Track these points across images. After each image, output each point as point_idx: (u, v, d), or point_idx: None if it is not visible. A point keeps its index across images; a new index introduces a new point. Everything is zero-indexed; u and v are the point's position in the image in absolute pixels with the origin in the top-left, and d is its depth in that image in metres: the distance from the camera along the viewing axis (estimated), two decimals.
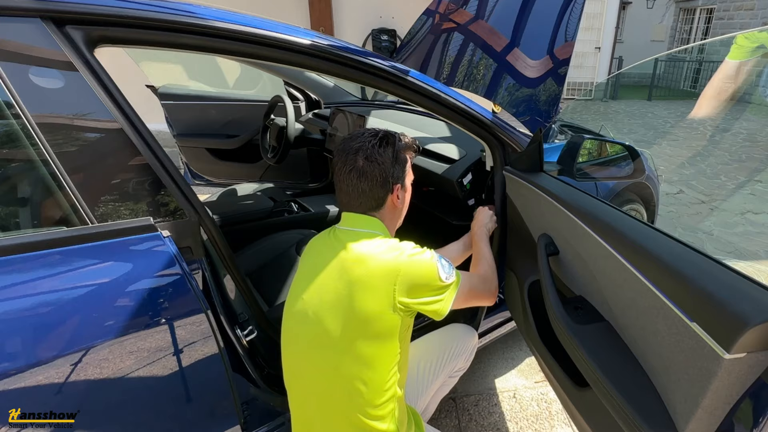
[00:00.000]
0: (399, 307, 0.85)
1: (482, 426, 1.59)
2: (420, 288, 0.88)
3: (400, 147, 0.96)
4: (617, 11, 8.94)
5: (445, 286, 0.91)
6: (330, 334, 0.85)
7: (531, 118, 1.18)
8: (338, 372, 0.85)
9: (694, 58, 11.54)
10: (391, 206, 0.97)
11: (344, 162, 0.91)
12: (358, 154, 0.90)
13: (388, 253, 0.87)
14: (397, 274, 0.85)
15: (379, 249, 0.88)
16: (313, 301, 0.88)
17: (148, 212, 0.86)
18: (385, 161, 0.92)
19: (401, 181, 0.97)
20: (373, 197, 0.93)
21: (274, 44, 0.96)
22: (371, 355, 0.85)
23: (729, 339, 0.60)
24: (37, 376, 0.72)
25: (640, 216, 2.08)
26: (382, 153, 0.92)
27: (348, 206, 0.95)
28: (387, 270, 0.85)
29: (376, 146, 0.92)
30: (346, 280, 0.85)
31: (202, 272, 0.95)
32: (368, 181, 0.91)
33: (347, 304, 0.84)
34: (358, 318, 0.84)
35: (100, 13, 0.79)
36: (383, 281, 0.84)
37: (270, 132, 2.23)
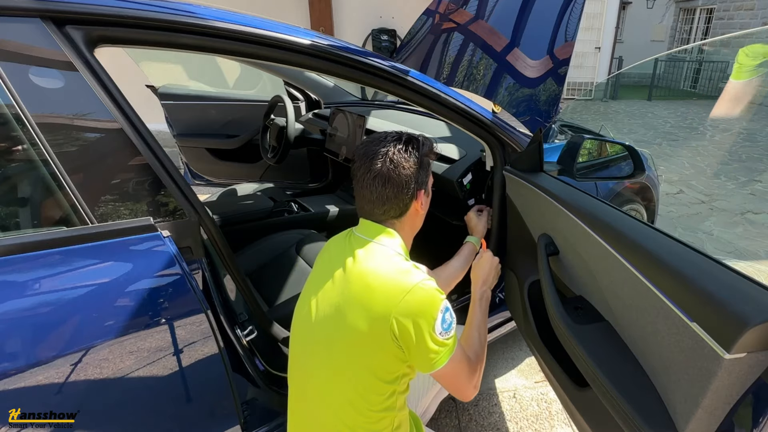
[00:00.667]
0: (389, 335, 0.78)
1: (482, 426, 1.59)
2: (415, 325, 0.78)
3: (425, 151, 0.91)
4: (617, 11, 8.94)
5: (439, 343, 0.80)
6: (323, 347, 0.83)
7: (531, 118, 1.18)
8: (329, 385, 0.83)
9: (694, 58, 11.54)
10: (414, 213, 0.92)
11: (368, 168, 0.85)
12: (384, 159, 0.84)
13: (395, 274, 0.80)
14: (398, 299, 0.77)
15: (386, 266, 0.82)
16: (315, 309, 0.86)
17: (148, 212, 0.86)
18: (411, 166, 0.86)
19: (425, 186, 0.92)
20: (398, 205, 0.87)
21: (274, 44, 0.96)
22: (361, 379, 0.81)
23: (729, 339, 0.60)
24: (37, 376, 0.72)
25: (640, 216, 2.08)
26: (408, 158, 0.86)
27: (370, 215, 0.89)
28: (388, 291, 0.78)
29: (402, 150, 0.86)
30: (346, 295, 0.81)
31: (202, 272, 0.94)
32: (394, 187, 0.85)
33: (341, 321, 0.80)
34: (349, 338, 0.80)
35: (100, 13, 0.79)
36: (380, 303, 0.78)
37: (270, 132, 2.23)
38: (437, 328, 0.79)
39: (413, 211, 0.91)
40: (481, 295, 1.08)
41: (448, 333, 0.81)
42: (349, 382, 0.81)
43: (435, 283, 0.82)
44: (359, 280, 0.81)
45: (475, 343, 0.97)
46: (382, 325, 0.77)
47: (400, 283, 0.78)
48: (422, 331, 0.78)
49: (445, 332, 0.80)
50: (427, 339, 0.78)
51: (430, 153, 0.93)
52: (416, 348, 0.79)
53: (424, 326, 0.78)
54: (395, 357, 0.80)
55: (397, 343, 0.78)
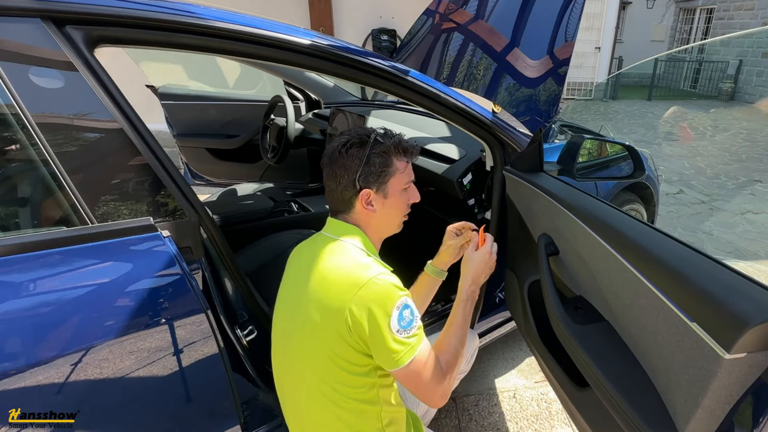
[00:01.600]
0: (346, 333, 0.78)
1: (482, 426, 1.59)
2: (370, 320, 0.76)
3: (378, 148, 0.87)
4: (617, 11, 8.94)
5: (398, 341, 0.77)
6: (293, 345, 0.86)
7: (531, 118, 1.18)
8: (303, 381, 0.85)
9: (694, 58, 11.54)
10: (363, 212, 0.89)
11: (323, 162, 0.91)
12: (331, 154, 0.89)
13: (352, 269, 0.81)
14: (351, 294, 0.77)
15: (344, 261, 0.82)
16: (285, 309, 0.89)
17: (148, 212, 0.86)
18: (350, 161, 0.86)
19: (375, 186, 0.88)
20: (341, 199, 0.89)
21: (274, 44, 0.96)
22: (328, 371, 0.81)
23: (729, 339, 0.60)
24: (37, 376, 0.72)
25: (640, 216, 2.08)
26: (350, 152, 0.87)
27: (330, 209, 0.94)
28: (342, 287, 0.79)
29: (345, 147, 0.87)
30: (306, 292, 0.83)
31: (202, 272, 0.95)
32: (334, 180, 0.88)
33: (303, 317, 0.83)
34: (309, 333, 0.82)
35: (100, 13, 0.79)
36: (336, 299, 0.78)
37: (270, 132, 2.23)
38: (393, 324, 0.77)
39: (360, 209, 0.89)
40: (468, 295, 0.96)
41: (408, 331, 0.78)
42: (318, 375, 0.82)
43: (395, 279, 0.81)
44: (318, 276, 0.82)
45: (449, 349, 0.88)
46: (338, 317, 0.78)
47: (356, 277, 0.79)
48: (378, 326, 0.76)
49: (404, 330, 0.78)
50: (385, 335, 0.77)
51: (388, 150, 0.88)
52: (373, 343, 0.78)
53: (379, 321, 0.76)
54: (356, 349, 0.80)
55: (353, 336, 0.78)
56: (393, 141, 0.90)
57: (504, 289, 1.54)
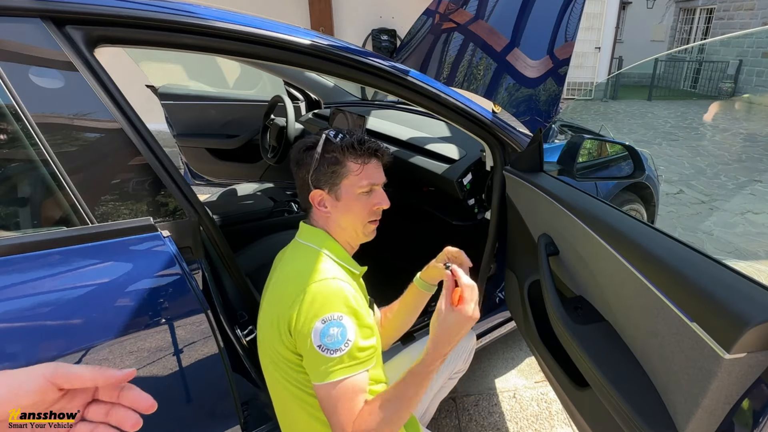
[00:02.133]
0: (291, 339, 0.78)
1: (482, 426, 1.59)
2: (298, 331, 0.75)
3: (331, 147, 0.86)
4: (617, 11, 8.94)
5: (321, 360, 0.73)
6: (263, 357, 0.88)
7: (531, 118, 1.18)
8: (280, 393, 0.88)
9: (694, 58, 11.55)
10: (319, 213, 0.90)
11: None
12: (294, 154, 0.92)
13: (301, 276, 0.80)
14: (290, 302, 0.78)
15: (299, 269, 0.83)
16: (259, 320, 0.90)
17: (148, 212, 0.86)
18: (303, 161, 0.89)
19: (327, 187, 0.87)
20: (302, 198, 0.92)
21: (274, 44, 0.96)
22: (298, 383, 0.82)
23: (729, 339, 0.60)
24: None
25: (640, 216, 2.08)
26: (304, 151, 0.89)
27: None
28: (286, 295, 0.80)
29: (301, 148, 0.90)
30: (268, 301, 0.85)
31: (202, 272, 0.94)
32: (296, 179, 0.91)
33: (266, 329, 0.84)
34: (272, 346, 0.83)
35: (100, 13, 0.79)
36: (278, 308, 0.80)
37: (270, 132, 2.23)
38: (314, 338, 0.72)
39: (316, 210, 0.90)
40: (428, 367, 0.74)
41: (331, 352, 0.72)
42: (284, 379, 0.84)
43: (344, 290, 0.77)
44: (276, 280, 0.86)
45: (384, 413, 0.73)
46: (282, 323, 0.79)
47: (300, 283, 0.79)
48: (304, 334, 0.74)
49: (327, 349, 0.71)
50: (308, 345, 0.74)
51: (341, 149, 0.85)
52: (301, 349, 0.77)
53: (306, 329, 0.74)
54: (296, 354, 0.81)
55: (292, 341, 0.78)
56: (345, 141, 0.86)
57: (504, 289, 1.54)
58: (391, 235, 0.88)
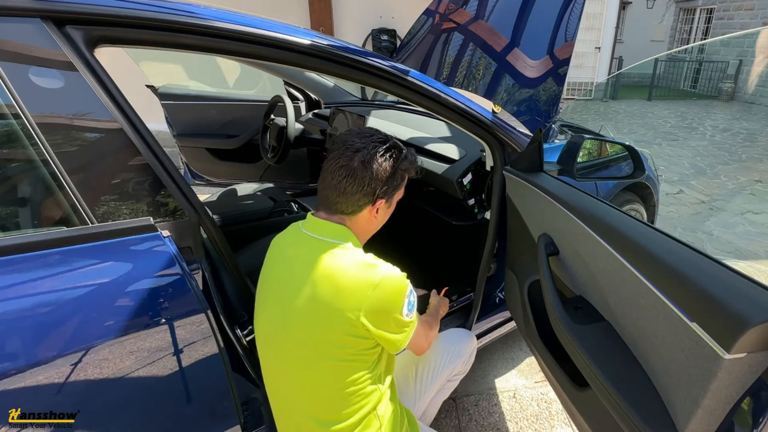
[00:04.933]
0: (361, 329, 0.81)
1: (482, 426, 1.59)
2: (384, 314, 0.82)
3: (404, 165, 0.90)
4: (617, 11, 8.94)
5: (405, 324, 0.86)
6: (296, 350, 0.85)
7: (531, 118, 1.18)
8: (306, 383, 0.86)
9: (694, 58, 11.55)
10: (366, 218, 0.90)
11: (340, 155, 0.85)
12: (357, 153, 0.85)
13: (361, 270, 0.81)
14: (366, 294, 0.80)
15: (350, 264, 0.82)
16: (281, 315, 0.86)
17: (148, 212, 0.86)
18: (381, 172, 0.86)
19: (388, 197, 0.91)
20: (352, 202, 0.86)
21: (274, 44, 0.96)
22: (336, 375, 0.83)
23: (729, 339, 0.60)
24: (37, 376, 0.72)
25: (640, 216, 2.08)
26: (382, 162, 0.86)
27: (325, 202, 0.89)
28: (356, 288, 0.80)
29: (380, 154, 0.86)
30: (314, 299, 0.81)
31: (202, 272, 0.94)
32: (355, 184, 0.84)
33: (313, 325, 0.82)
34: (321, 340, 0.82)
35: (100, 13, 0.79)
36: (350, 301, 0.79)
37: (270, 132, 2.23)
38: (404, 312, 0.85)
39: (366, 215, 0.89)
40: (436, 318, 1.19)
41: (411, 313, 0.87)
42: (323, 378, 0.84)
43: (398, 270, 0.85)
44: (327, 281, 0.81)
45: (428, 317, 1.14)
46: (349, 318, 0.79)
47: (368, 278, 0.81)
48: (389, 320, 0.83)
49: (409, 313, 0.86)
50: (393, 327, 0.84)
51: (409, 169, 0.92)
52: (380, 335, 0.83)
53: (394, 315, 0.83)
54: (365, 339, 0.83)
55: (362, 331, 0.81)
56: (414, 158, 0.93)
57: (504, 289, 1.54)
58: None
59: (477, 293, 1.53)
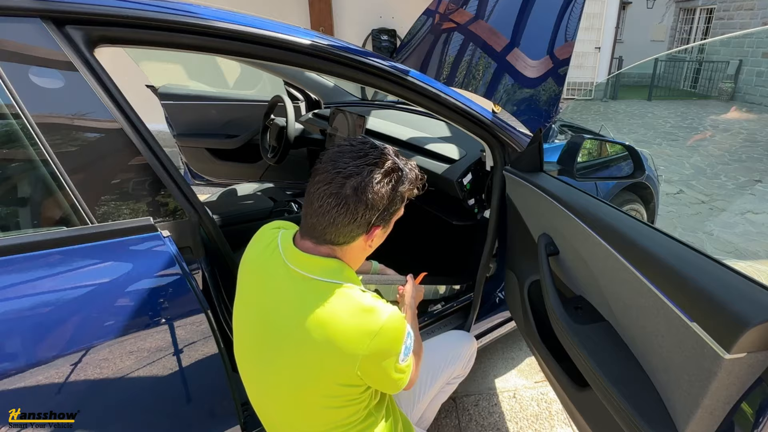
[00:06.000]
0: (355, 379, 0.74)
1: (482, 426, 1.59)
2: (381, 362, 0.75)
3: (404, 188, 0.78)
4: (617, 11, 8.93)
5: (401, 369, 0.79)
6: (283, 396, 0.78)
7: (531, 118, 1.18)
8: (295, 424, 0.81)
9: (694, 58, 11.55)
10: (360, 246, 0.79)
11: (329, 180, 0.72)
12: (349, 180, 0.71)
13: (358, 318, 0.72)
14: (363, 345, 0.71)
15: (346, 310, 0.72)
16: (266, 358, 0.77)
17: (148, 212, 0.86)
18: (377, 201, 0.73)
19: (384, 223, 0.78)
20: (343, 233, 0.74)
21: (274, 44, 0.96)
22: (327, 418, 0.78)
23: (729, 339, 0.60)
24: (37, 376, 0.72)
25: (640, 216, 2.08)
26: (379, 190, 0.73)
27: (311, 230, 0.75)
28: (353, 338, 0.71)
29: (375, 181, 0.72)
30: (304, 348, 0.72)
31: (202, 272, 0.95)
32: (347, 215, 0.72)
33: (302, 376, 0.74)
34: (311, 390, 0.75)
35: (100, 13, 0.79)
36: (345, 352, 0.71)
37: (270, 132, 2.23)
38: (400, 358, 0.78)
39: (360, 244, 0.78)
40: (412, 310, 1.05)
41: (407, 357, 0.80)
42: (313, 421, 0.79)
43: (397, 311, 0.77)
44: (319, 330, 0.71)
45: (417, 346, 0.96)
46: (346, 366, 0.72)
47: (367, 325, 0.72)
48: (388, 366, 0.76)
49: (405, 357, 0.79)
50: (391, 371, 0.77)
51: (411, 189, 0.79)
52: (377, 379, 0.78)
53: (390, 361, 0.76)
54: (357, 387, 0.77)
55: (357, 378, 0.75)
56: (415, 176, 0.80)
57: (504, 289, 1.54)
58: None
59: (476, 293, 1.52)
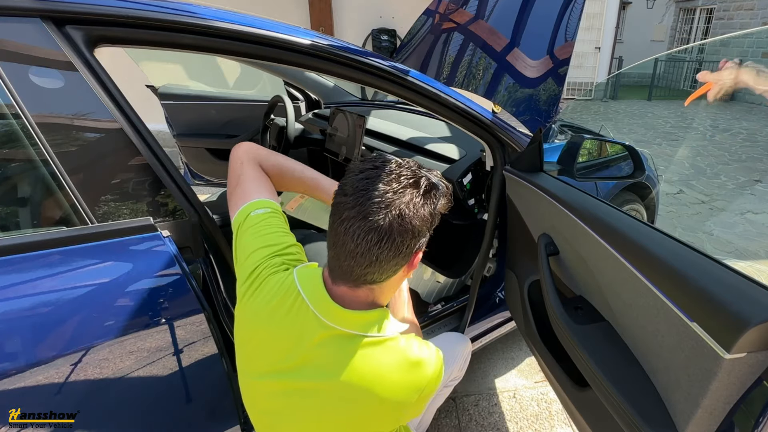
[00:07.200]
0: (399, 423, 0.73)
1: (482, 426, 1.59)
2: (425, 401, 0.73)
3: (442, 204, 0.69)
4: (617, 11, 8.93)
5: None
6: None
7: (531, 118, 1.18)
8: None
9: (694, 58, 11.55)
10: (399, 278, 0.70)
11: (365, 212, 0.60)
12: (391, 208, 0.61)
13: (406, 375, 0.67)
14: (411, 401, 0.68)
15: (394, 369, 0.67)
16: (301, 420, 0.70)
17: (148, 212, 0.86)
18: (423, 226, 0.64)
19: (423, 245, 0.69)
20: (386, 270, 0.64)
21: (274, 44, 0.96)
22: None
23: (729, 339, 0.60)
24: (37, 376, 0.72)
25: (640, 216, 2.08)
26: (423, 214, 0.64)
27: (345, 273, 0.65)
28: (402, 398, 0.67)
29: (418, 204, 0.63)
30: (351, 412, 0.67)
31: (202, 272, 0.94)
32: (392, 248, 0.62)
33: None
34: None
35: (100, 13, 0.79)
36: (394, 411, 0.68)
37: (270, 132, 2.23)
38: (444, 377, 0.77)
39: (400, 276, 0.69)
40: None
41: None
42: None
43: (439, 357, 0.74)
44: (368, 391, 0.65)
45: None
46: (394, 422, 0.71)
47: (413, 384, 0.68)
48: (426, 403, 0.74)
49: None
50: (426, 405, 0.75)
51: (446, 204, 0.70)
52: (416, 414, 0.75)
53: (430, 397, 0.75)
54: None
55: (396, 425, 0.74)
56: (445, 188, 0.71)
57: (504, 289, 1.54)
58: None
59: (471, 294, 1.52)
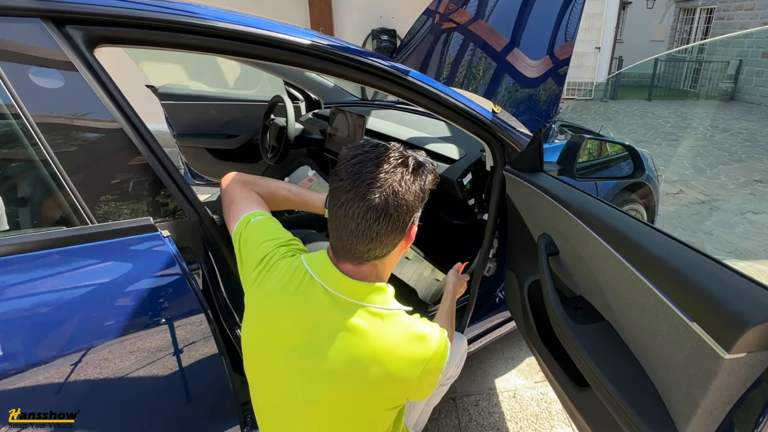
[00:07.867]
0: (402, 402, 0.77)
1: (482, 426, 1.59)
2: (428, 382, 0.77)
3: (430, 179, 0.76)
4: (617, 11, 8.93)
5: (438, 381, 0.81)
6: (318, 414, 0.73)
7: (531, 118, 1.18)
8: None
9: (694, 58, 11.54)
10: (398, 252, 0.76)
11: (362, 193, 0.67)
12: (384, 187, 0.67)
13: (412, 347, 0.72)
14: (416, 373, 0.72)
15: (400, 340, 0.71)
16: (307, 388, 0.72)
17: (148, 212, 0.86)
18: (415, 201, 0.71)
19: (417, 219, 0.76)
20: (386, 245, 0.70)
21: (274, 44, 0.96)
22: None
23: (729, 339, 0.60)
24: (37, 376, 0.72)
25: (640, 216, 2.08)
26: (414, 189, 0.71)
27: (349, 252, 0.70)
28: (407, 369, 0.71)
29: (409, 181, 0.70)
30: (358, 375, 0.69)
31: (202, 272, 0.94)
32: (389, 224, 0.68)
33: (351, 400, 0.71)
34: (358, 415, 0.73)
35: (100, 13, 0.79)
36: (399, 383, 0.71)
37: (270, 132, 2.23)
38: (443, 372, 0.80)
39: (398, 250, 0.75)
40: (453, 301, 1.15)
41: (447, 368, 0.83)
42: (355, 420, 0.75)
43: (443, 333, 0.78)
44: (376, 361, 0.69)
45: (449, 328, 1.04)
46: (397, 400, 0.75)
47: (419, 356, 0.72)
48: (433, 383, 0.79)
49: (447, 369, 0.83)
50: (434, 386, 0.80)
51: (433, 180, 0.78)
52: (422, 394, 0.80)
53: (435, 378, 0.78)
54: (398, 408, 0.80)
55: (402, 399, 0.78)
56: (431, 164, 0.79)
57: (504, 289, 1.54)
58: None
59: (471, 295, 1.52)
